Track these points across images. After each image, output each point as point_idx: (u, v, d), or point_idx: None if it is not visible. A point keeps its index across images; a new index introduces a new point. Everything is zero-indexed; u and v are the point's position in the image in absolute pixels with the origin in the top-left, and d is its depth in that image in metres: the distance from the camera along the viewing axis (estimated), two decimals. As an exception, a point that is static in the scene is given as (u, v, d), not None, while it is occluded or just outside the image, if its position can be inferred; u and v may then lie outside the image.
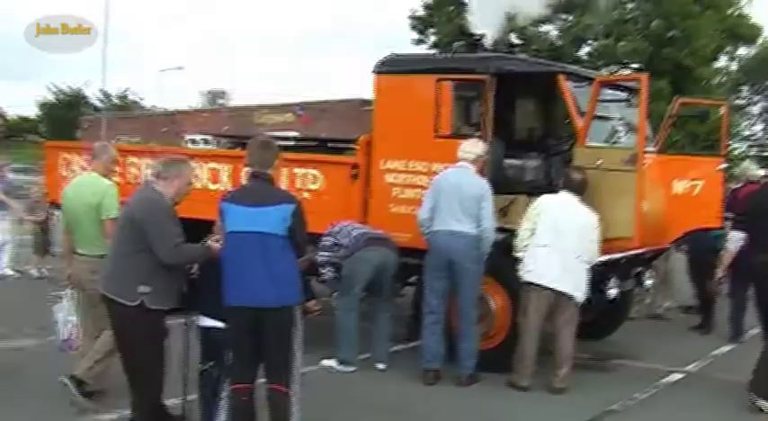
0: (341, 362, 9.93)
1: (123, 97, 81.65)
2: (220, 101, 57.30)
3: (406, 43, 46.73)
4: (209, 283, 7.03)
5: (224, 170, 12.16)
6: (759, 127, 62.67)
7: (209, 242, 7.04)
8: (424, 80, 10.63)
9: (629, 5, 40.38)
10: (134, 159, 13.32)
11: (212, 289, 6.95)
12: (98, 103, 77.45)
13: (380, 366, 9.96)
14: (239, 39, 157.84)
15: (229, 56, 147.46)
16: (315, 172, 11.15)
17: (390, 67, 11.07)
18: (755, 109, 62.60)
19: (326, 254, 9.98)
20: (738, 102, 61.34)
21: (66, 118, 75.19)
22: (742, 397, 9.02)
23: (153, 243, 6.78)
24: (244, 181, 8.57)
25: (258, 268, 6.63)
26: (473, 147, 9.67)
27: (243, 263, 6.66)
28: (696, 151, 26.20)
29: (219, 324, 7.03)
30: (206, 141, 17.48)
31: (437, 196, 9.50)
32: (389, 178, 10.85)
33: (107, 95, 66.74)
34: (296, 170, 11.14)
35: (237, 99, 58.85)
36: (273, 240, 6.65)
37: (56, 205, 15.46)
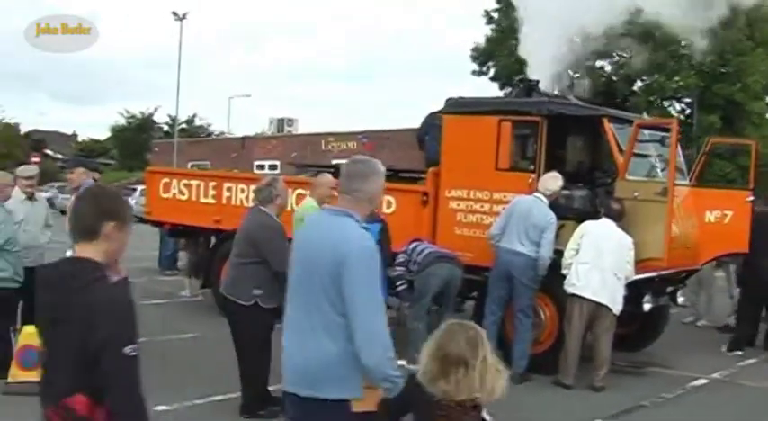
0: (410, 363, 11.48)
1: (190, 122, 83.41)
2: (288, 128, 58.55)
3: (465, 74, 47.83)
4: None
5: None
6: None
7: None
8: (487, 120, 12.19)
9: (683, 42, 41.21)
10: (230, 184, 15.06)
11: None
12: (166, 128, 79.73)
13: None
14: (304, 66, 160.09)
15: (295, 83, 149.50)
16: (390, 198, 12.70)
17: (457, 108, 12.73)
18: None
19: (401, 269, 11.57)
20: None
21: (135, 141, 77.23)
22: (762, 399, 10.45)
23: (267, 255, 8.57)
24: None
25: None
26: (552, 183, 11.28)
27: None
28: (744, 183, 27.15)
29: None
30: (273, 167, 18.73)
31: (509, 217, 11.13)
32: (454, 205, 12.39)
33: (174, 120, 68.77)
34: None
35: (304, 126, 60.11)
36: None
37: (156, 224, 17.26)
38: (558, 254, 11.13)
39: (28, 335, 9.43)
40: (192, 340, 12.94)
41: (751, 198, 12.96)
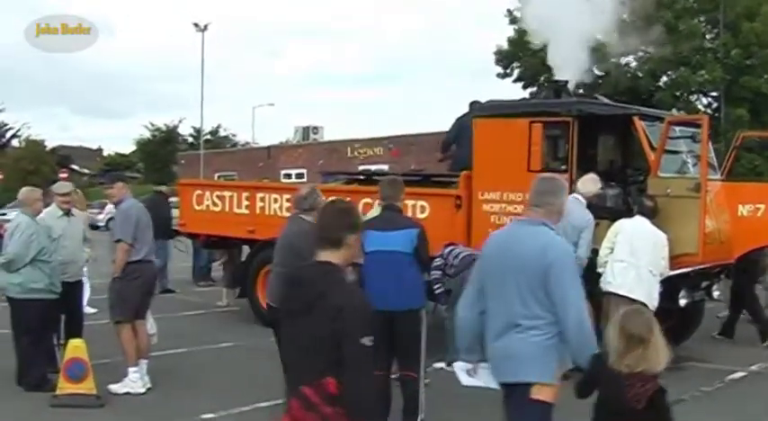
0: (449, 364, 11.59)
1: (215, 133, 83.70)
2: (314, 135, 58.73)
3: (490, 76, 47.94)
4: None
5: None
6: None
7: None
8: (518, 122, 12.32)
9: (708, 36, 41.13)
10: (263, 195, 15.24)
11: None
12: (190, 140, 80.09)
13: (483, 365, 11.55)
14: (326, 72, 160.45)
15: (318, 89, 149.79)
16: (423, 203, 12.84)
17: (488, 111, 12.85)
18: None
19: (437, 272, 11.66)
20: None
21: (161, 154, 77.53)
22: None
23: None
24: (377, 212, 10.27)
25: (391, 279, 8.50)
26: (591, 185, 11.42)
27: (378, 275, 8.50)
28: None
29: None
30: (300, 175, 18.90)
31: None
32: (488, 207, 12.49)
33: (199, 131, 69.08)
34: (407, 202, 12.81)
35: (329, 133, 60.26)
36: (403, 257, 8.58)
37: (190, 236, 17.46)
38: (594, 252, 11.20)
39: (75, 349, 9.64)
40: (231, 349, 13.09)
41: (785, 190, 12.97)
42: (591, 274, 11.14)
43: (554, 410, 5.84)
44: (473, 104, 14.35)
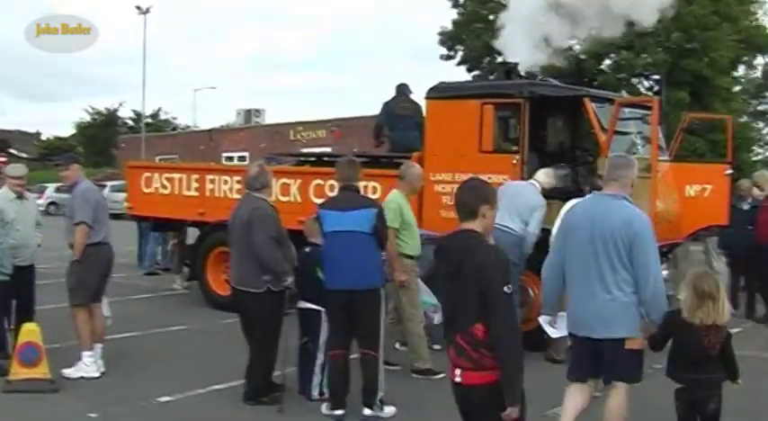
0: (402, 344, 11.61)
1: (155, 116, 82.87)
2: (256, 119, 58.39)
3: (434, 58, 48.00)
4: (305, 274, 9.00)
5: (294, 184, 13.98)
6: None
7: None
8: (469, 104, 12.39)
9: (650, 19, 41.39)
10: (213, 177, 15.12)
11: (308, 279, 8.92)
12: (131, 123, 79.40)
13: (436, 347, 11.38)
14: (270, 56, 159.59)
15: (262, 73, 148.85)
16: (375, 184, 12.87)
17: (440, 93, 12.87)
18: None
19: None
20: (762, 107, 62.43)
21: (101, 137, 76.82)
22: (754, 367, 10.65)
23: (257, 236, 8.78)
24: (331, 192, 10.26)
25: (350, 258, 8.53)
26: (548, 178, 11.64)
27: (338, 255, 8.55)
28: (716, 158, 27.40)
29: (314, 306, 8.98)
30: (242, 158, 18.83)
31: (500, 197, 11.25)
32: (439, 188, 12.56)
33: (139, 115, 68.47)
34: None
35: (272, 116, 59.96)
36: (362, 236, 8.58)
37: (139, 218, 17.31)
38: (546, 232, 11.29)
39: (28, 332, 9.53)
40: (183, 333, 13.05)
41: (729, 171, 13.14)
42: (543, 255, 11.22)
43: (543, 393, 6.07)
44: (400, 87, 14.77)
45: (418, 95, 13.92)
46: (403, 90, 14.92)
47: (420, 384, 10.09)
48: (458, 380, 5.38)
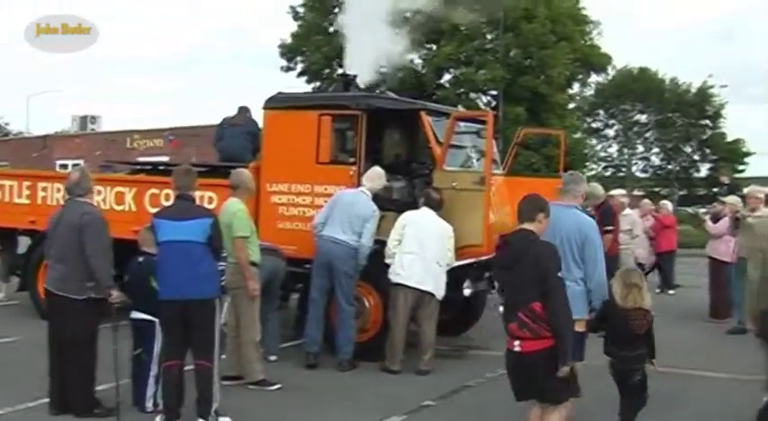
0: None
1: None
2: (92, 126, 57.16)
3: (275, 70, 48.00)
4: (139, 285, 8.86)
5: (129, 193, 13.77)
6: (614, 148, 65.51)
7: None
8: (307, 115, 12.35)
9: (489, 36, 42.25)
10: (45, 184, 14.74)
11: (141, 289, 8.79)
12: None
13: (272, 358, 11.48)
14: (107, 61, 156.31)
15: (100, 79, 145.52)
16: (212, 194, 12.76)
17: (277, 103, 12.83)
18: (611, 132, 65.40)
19: (224, 263, 11.60)
20: (595, 125, 64.41)
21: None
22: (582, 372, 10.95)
23: (89, 243, 8.61)
24: (170, 201, 10.13)
25: (184, 269, 8.45)
26: (376, 180, 11.62)
27: (173, 265, 8.45)
28: (551, 172, 28.03)
29: (148, 316, 8.84)
30: (77, 166, 18.40)
31: (333, 208, 11.37)
32: (276, 199, 12.51)
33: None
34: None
35: (108, 123, 58.73)
36: (196, 247, 8.49)
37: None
38: (381, 244, 11.41)
39: None
40: (15, 344, 12.63)
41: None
42: (378, 266, 11.37)
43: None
44: (241, 108, 15.13)
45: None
46: (243, 110, 15.16)
47: (255, 395, 10.04)
48: (517, 349, 7.03)
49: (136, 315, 9.04)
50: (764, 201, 14.56)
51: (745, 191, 15.43)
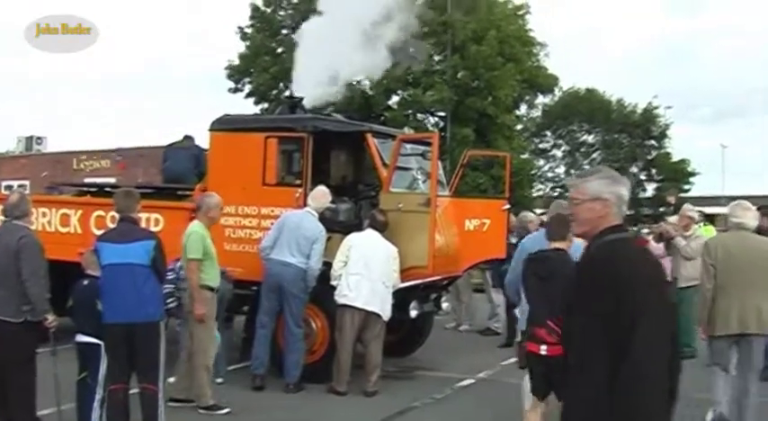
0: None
1: None
2: (37, 146, 56.61)
3: (222, 91, 47.89)
4: (84, 307, 8.81)
5: (74, 215, 13.68)
6: (562, 169, 65.87)
7: None
8: (254, 137, 12.38)
9: (437, 58, 42.47)
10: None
11: (86, 312, 8.74)
12: None
13: (219, 380, 11.42)
14: (51, 82, 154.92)
15: (43, 100, 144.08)
16: (157, 216, 12.73)
17: (224, 125, 12.84)
18: (558, 152, 65.80)
19: (170, 286, 11.55)
20: (543, 145, 64.83)
21: None
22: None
23: (26, 266, 8.51)
24: (113, 224, 10.12)
25: (129, 292, 8.43)
26: (321, 199, 11.65)
27: (116, 288, 8.43)
28: (498, 193, 28.17)
29: (93, 340, 8.78)
30: (23, 187, 18.21)
31: (280, 231, 11.39)
32: (223, 221, 12.35)
33: None
34: (140, 215, 12.67)
35: (54, 144, 58.13)
36: (140, 269, 8.48)
37: None
38: (327, 265, 11.43)
39: None
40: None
41: (507, 206, 13.53)
42: (324, 287, 11.39)
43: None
44: (186, 137, 15.27)
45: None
46: (188, 137, 15.37)
47: (203, 419, 10.03)
48: (543, 353, 7.46)
49: (81, 338, 8.95)
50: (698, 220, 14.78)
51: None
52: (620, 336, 4.12)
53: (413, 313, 12.19)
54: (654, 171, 61.51)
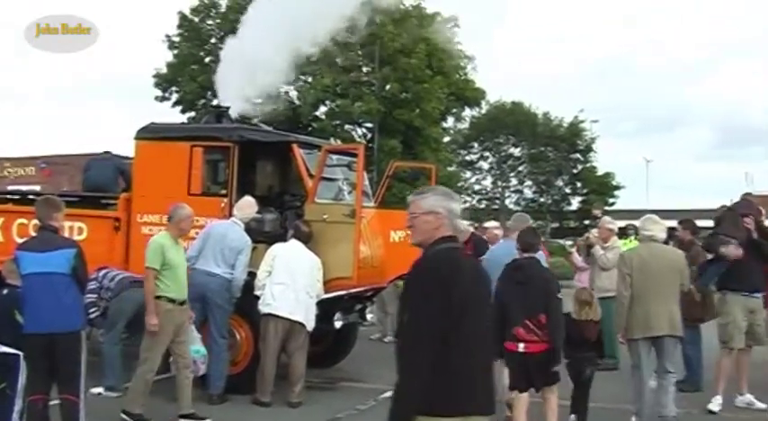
0: (107, 389, 11.39)
1: None
2: (-39, 153, 55.76)
3: (149, 99, 47.49)
4: (3, 317, 8.70)
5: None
6: (489, 181, 66.34)
7: None
8: (179, 146, 12.32)
9: (365, 69, 42.58)
10: None
11: (4, 322, 8.62)
12: None
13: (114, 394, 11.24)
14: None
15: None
16: (81, 224, 12.62)
17: (149, 134, 12.75)
18: (485, 164, 66.22)
19: (92, 296, 11.46)
20: (470, 157, 65.20)
21: None
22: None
23: None
24: (34, 232, 10.00)
25: (50, 301, 8.32)
26: (247, 209, 11.69)
27: (37, 298, 8.32)
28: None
29: (13, 350, 8.65)
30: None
31: (206, 241, 11.36)
32: (147, 230, 12.34)
33: None
34: (64, 223, 12.53)
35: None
36: (61, 278, 8.38)
37: None
38: (252, 276, 11.40)
39: None
40: None
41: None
42: (249, 298, 11.35)
43: None
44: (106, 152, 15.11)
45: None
46: (108, 153, 15.24)
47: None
48: (521, 350, 9.03)
49: (-1, 349, 8.87)
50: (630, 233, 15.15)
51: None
52: (446, 328, 4.67)
53: (337, 324, 12.21)
54: (579, 184, 62.20)
